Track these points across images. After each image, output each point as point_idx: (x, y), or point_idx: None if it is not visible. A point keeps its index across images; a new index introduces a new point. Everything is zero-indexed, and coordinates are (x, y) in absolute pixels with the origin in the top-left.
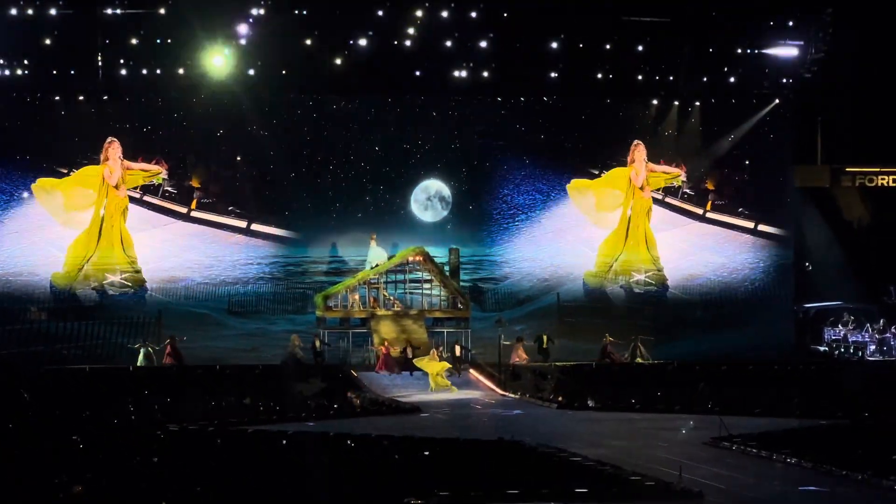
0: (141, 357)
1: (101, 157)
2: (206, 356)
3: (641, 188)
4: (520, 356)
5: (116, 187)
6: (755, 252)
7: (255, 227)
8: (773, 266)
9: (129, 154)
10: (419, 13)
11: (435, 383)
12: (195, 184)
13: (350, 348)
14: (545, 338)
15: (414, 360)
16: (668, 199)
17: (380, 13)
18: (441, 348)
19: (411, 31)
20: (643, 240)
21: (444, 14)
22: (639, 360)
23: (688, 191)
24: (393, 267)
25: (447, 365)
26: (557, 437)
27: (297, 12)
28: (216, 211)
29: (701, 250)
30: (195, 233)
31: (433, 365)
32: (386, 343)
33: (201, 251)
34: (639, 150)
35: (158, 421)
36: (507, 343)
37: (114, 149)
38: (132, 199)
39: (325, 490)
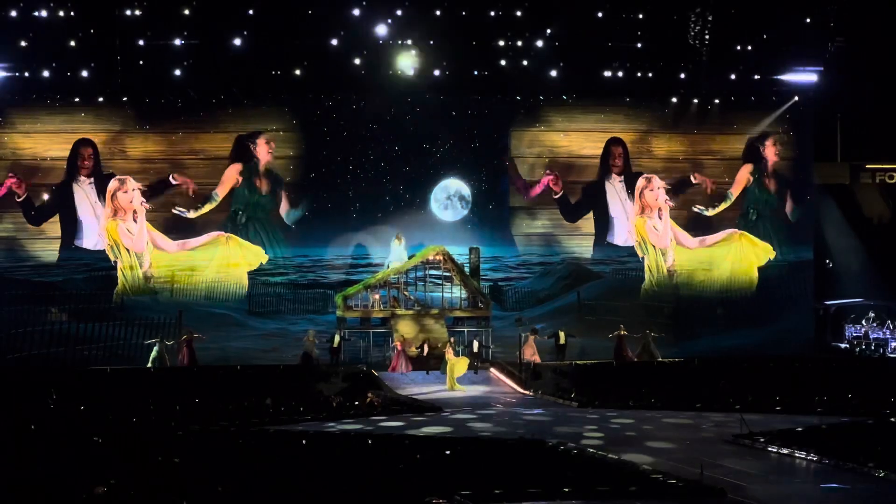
0: (154, 354)
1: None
2: (227, 356)
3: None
4: (531, 348)
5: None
6: (775, 249)
7: (274, 226)
8: (793, 263)
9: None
10: (438, 13)
11: (451, 385)
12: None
13: (370, 348)
14: (562, 334)
15: (448, 359)
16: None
17: (398, 12)
18: (454, 339)
19: (429, 30)
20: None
21: (463, 13)
22: (645, 357)
23: (703, 209)
24: (413, 266)
25: (466, 361)
26: (578, 435)
27: (312, 12)
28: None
29: (721, 247)
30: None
31: (457, 363)
32: (401, 341)
33: (220, 252)
34: (653, 183)
35: (180, 421)
36: (528, 335)
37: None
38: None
39: (347, 490)
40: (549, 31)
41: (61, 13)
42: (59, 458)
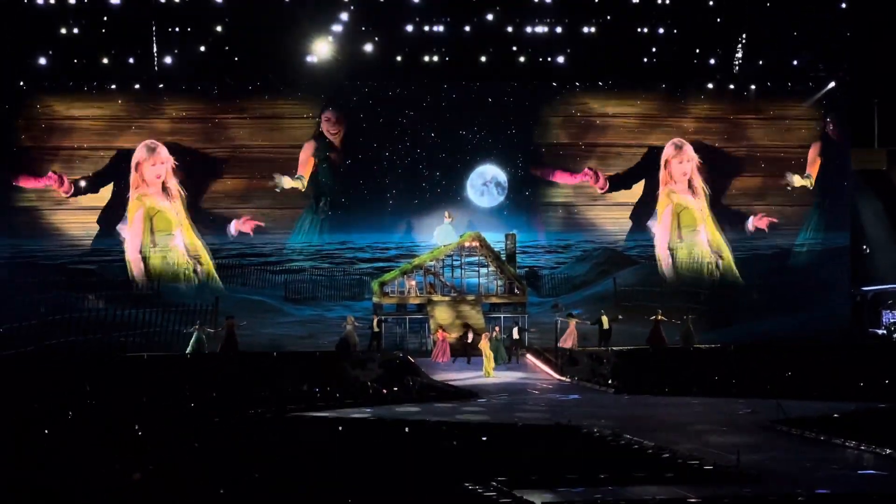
0: (193, 341)
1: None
2: (263, 343)
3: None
4: (573, 335)
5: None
6: (812, 235)
7: (310, 212)
8: (830, 249)
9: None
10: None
11: (486, 372)
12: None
13: (406, 334)
14: (605, 319)
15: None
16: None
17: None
18: (498, 329)
19: (468, 17)
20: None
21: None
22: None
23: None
24: (450, 252)
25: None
26: (614, 421)
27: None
28: (269, 196)
29: (757, 233)
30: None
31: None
32: (441, 329)
33: (256, 238)
34: (683, 154)
35: (216, 408)
36: (566, 320)
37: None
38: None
39: (383, 475)
40: (586, 17)
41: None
42: (96, 444)
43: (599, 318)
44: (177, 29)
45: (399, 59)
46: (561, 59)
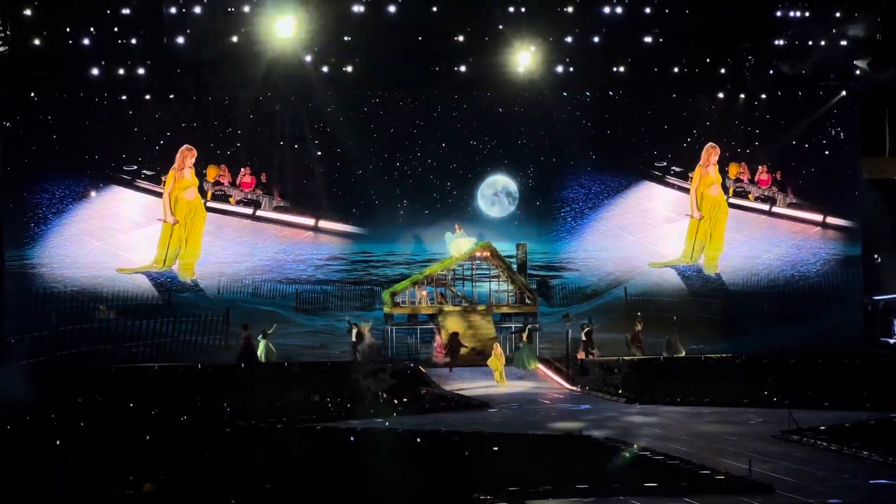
0: (261, 350)
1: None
2: (275, 353)
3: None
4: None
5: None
6: (823, 244)
7: (322, 223)
8: (841, 258)
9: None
10: (480, 9)
11: (498, 381)
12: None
13: (418, 344)
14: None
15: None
16: (737, 196)
17: (434, 9)
18: (525, 337)
19: (477, 26)
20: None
21: (511, 10)
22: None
23: (753, 189)
24: (460, 263)
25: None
26: (626, 431)
27: (356, 10)
28: (284, 209)
29: (768, 243)
30: (263, 231)
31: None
32: (440, 337)
33: (269, 249)
34: (715, 153)
35: (227, 418)
36: (584, 329)
37: (193, 156)
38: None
39: (395, 486)
40: (596, 26)
41: (108, 11)
42: (108, 455)
43: (587, 329)
44: (186, 39)
45: (410, 69)
46: (572, 69)
